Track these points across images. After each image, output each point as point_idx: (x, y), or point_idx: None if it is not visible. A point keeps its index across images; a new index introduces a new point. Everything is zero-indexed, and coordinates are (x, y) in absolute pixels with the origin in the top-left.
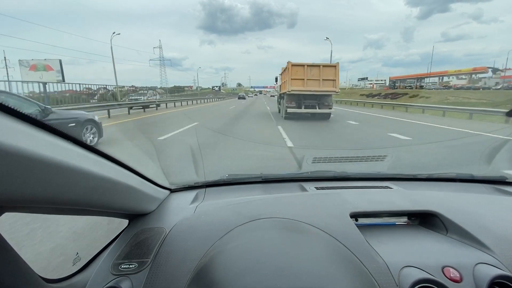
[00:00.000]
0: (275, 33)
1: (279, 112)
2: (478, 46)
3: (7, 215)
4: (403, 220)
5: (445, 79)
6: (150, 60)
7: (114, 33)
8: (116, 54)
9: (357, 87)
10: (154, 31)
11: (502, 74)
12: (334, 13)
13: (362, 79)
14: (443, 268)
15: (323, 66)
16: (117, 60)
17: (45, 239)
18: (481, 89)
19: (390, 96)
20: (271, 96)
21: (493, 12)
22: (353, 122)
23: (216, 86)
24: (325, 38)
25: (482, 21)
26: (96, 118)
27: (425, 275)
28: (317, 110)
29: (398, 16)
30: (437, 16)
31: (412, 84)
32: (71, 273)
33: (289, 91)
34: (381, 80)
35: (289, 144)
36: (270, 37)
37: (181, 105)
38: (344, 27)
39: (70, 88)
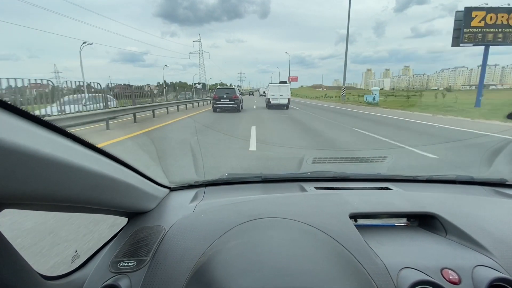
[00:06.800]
0: (246, 25)
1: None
2: (441, 43)
3: (6, 212)
4: (402, 221)
5: None
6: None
7: None
8: (70, 49)
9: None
10: (110, 23)
11: None
12: (304, 9)
13: None
14: (441, 270)
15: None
16: (71, 55)
17: (44, 236)
18: None
19: None
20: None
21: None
22: None
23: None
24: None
25: None
26: None
27: (424, 277)
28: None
29: (374, 9)
30: (414, 8)
31: None
32: (69, 270)
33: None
34: None
35: None
36: (240, 29)
37: None
38: (315, 23)
39: None
